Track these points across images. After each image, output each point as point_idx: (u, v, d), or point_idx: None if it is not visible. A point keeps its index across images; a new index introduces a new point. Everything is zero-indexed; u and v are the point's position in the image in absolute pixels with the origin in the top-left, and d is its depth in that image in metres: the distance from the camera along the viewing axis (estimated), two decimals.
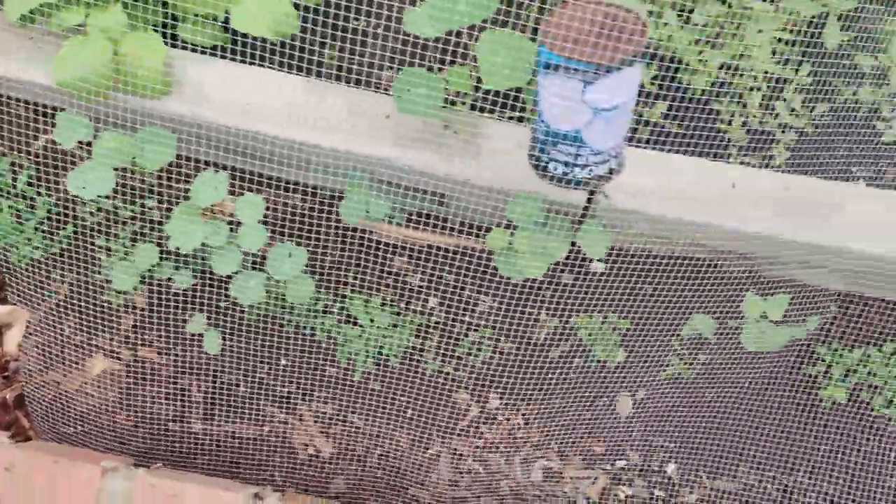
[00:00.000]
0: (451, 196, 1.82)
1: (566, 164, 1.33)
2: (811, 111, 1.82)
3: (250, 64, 1.70)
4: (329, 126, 1.68)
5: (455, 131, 1.69)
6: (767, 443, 1.99)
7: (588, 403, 2.00)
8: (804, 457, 1.98)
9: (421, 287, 2.00)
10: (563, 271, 1.99)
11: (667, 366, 1.98)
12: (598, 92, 1.20)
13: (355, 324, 1.95)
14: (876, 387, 1.95)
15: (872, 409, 1.96)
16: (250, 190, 1.91)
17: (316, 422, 1.97)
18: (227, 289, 1.86)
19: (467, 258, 1.99)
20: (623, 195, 1.71)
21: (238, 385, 1.97)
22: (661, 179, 1.71)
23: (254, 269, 1.79)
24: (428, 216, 1.95)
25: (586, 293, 1.98)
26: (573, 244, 1.73)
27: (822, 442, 1.98)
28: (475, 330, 1.99)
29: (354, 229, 1.96)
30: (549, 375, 2.00)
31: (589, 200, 1.71)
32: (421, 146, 1.69)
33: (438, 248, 2.01)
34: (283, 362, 1.99)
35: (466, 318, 2.00)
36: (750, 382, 2.00)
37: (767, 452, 1.98)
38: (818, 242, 1.69)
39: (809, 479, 1.98)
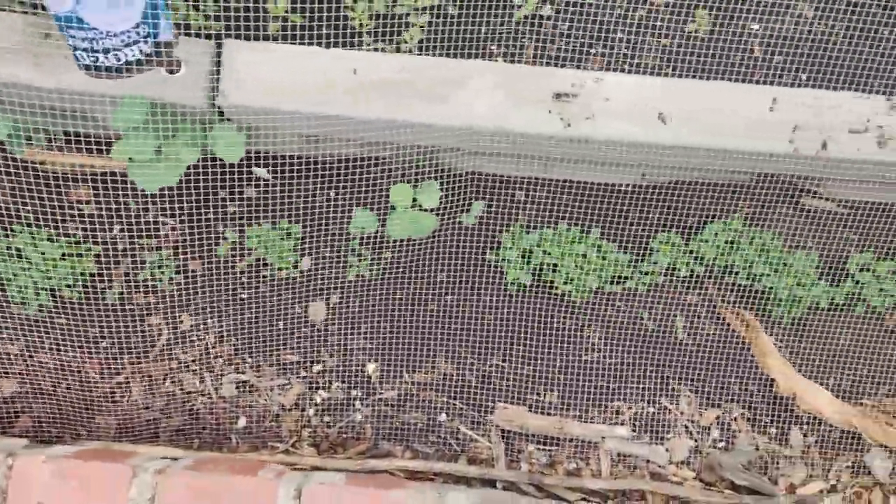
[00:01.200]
0: (91, 111, 1.75)
1: (88, 50, 1.28)
2: None
3: None
4: None
5: (57, 39, 1.61)
6: (464, 332, 2.01)
7: (280, 313, 1.99)
8: (499, 342, 2.02)
9: (102, 214, 1.95)
10: (244, 184, 1.96)
11: (350, 266, 1.98)
12: None
13: (21, 258, 1.89)
14: (554, 265, 1.99)
15: (556, 288, 2.00)
16: None
17: None
18: None
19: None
20: (248, 91, 1.67)
21: None
22: (282, 72, 1.67)
23: None
24: (88, 138, 1.88)
25: (261, 203, 1.96)
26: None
27: (515, 325, 2.02)
28: (160, 252, 1.95)
29: (20, 161, 1.89)
30: (238, 290, 1.98)
31: (214, 99, 1.67)
32: (18, 59, 1.61)
33: (112, 172, 1.95)
34: None
35: (152, 242, 1.96)
36: (442, 276, 2.01)
37: (465, 342, 2.01)
38: (440, 123, 1.68)
39: (506, 362, 2.02)
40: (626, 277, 2.02)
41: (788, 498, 1.93)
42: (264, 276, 1.98)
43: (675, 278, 2.03)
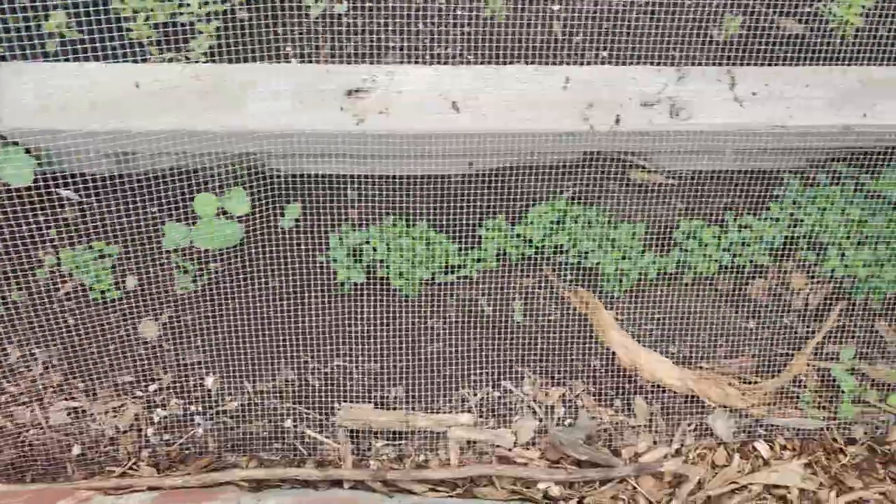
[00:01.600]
0: None
1: None
2: None
3: None
4: None
5: None
6: (303, 336, 2.00)
7: (110, 335, 1.95)
8: (340, 342, 2.01)
9: None
10: (64, 206, 1.91)
11: (177, 281, 1.95)
12: None
13: None
14: (383, 261, 1.99)
15: (390, 283, 2.00)
16: None
17: None
18: None
19: None
20: (25, 113, 1.62)
21: None
22: (60, 91, 1.63)
23: None
24: None
25: (79, 224, 1.91)
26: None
27: (354, 324, 2.01)
28: None
29: None
30: (63, 315, 1.93)
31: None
32: None
33: None
34: None
35: None
36: (274, 282, 1.99)
37: (305, 346, 2.00)
38: (229, 129, 1.66)
39: (349, 361, 2.01)
40: (458, 266, 2.02)
41: (630, 466, 1.97)
42: (90, 299, 1.93)
43: (507, 262, 2.05)
